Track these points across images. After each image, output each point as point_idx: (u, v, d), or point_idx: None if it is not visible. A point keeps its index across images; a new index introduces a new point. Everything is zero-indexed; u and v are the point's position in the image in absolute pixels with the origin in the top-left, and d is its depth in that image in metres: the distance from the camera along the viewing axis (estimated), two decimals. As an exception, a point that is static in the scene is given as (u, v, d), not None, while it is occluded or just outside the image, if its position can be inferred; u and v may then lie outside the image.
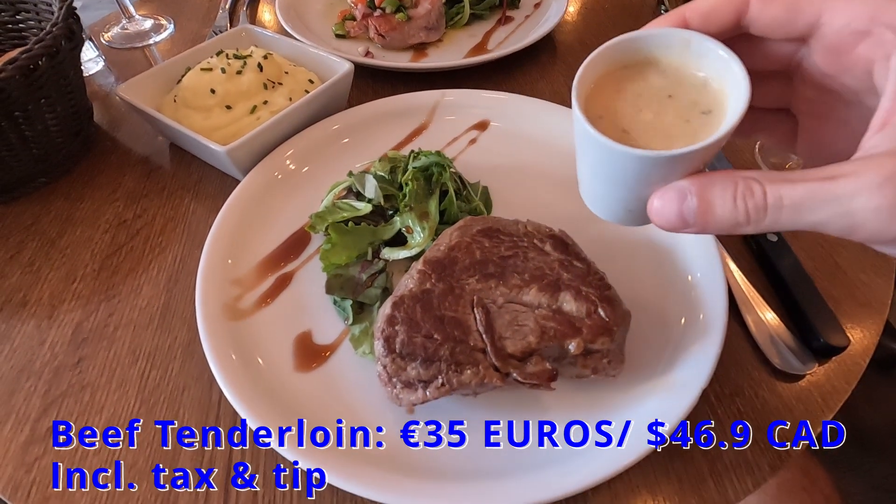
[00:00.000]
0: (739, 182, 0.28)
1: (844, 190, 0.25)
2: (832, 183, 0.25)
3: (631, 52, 0.34)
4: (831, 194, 0.25)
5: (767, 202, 0.27)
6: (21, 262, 0.63)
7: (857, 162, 0.26)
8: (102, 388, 0.52)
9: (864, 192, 0.24)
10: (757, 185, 0.28)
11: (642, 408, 0.45)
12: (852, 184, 0.25)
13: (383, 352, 0.44)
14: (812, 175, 0.26)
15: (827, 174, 0.26)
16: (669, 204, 0.30)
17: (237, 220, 0.61)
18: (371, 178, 0.58)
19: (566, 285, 0.47)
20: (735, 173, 0.29)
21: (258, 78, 0.71)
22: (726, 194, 0.29)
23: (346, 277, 0.54)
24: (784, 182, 0.27)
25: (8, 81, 0.58)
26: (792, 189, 0.26)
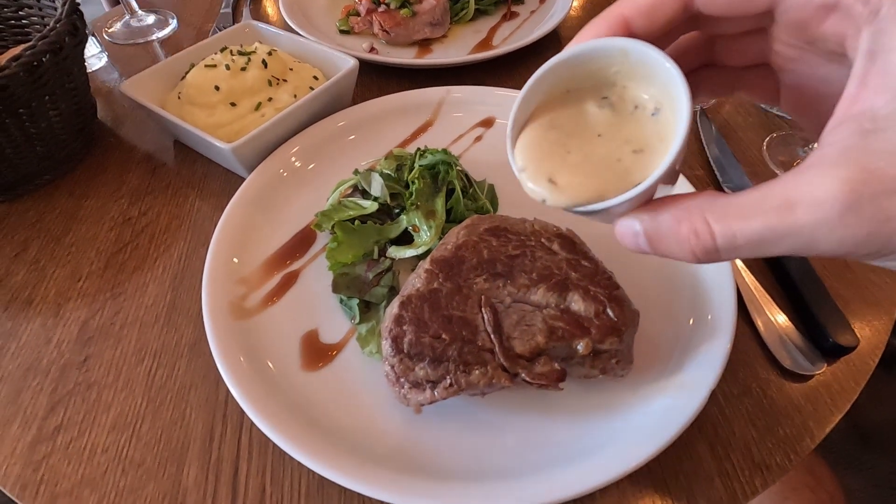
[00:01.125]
0: (684, 224, 0.26)
1: (804, 222, 0.23)
2: (790, 215, 0.23)
3: (568, 75, 0.31)
4: (790, 228, 0.23)
5: (717, 244, 0.25)
6: (26, 259, 0.63)
7: (813, 182, 0.23)
8: (109, 386, 0.52)
9: (824, 225, 0.22)
10: (704, 226, 0.25)
11: (651, 408, 0.45)
12: (811, 215, 0.23)
13: (391, 352, 0.43)
14: (768, 203, 0.24)
15: (784, 200, 0.23)
16: (624, 238, 0.30)
17: (242, 218, 0.60)
18: (377, 176, 0.57)
19: (574, 285, 0.47)
20: (684, 211, 0.27)
21: (263, 75, 0.71)
22: (674, 237, 0.27)
23: (352, 276, 0.54)
24: (737, 218, 0.24)
25: (12, 78, 0.58)
26: (746, 225, 0.24)
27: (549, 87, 0.32)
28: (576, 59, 0.30)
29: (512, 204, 0.64)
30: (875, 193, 0.21)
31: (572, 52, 0.30)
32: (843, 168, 0.22)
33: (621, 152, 0.30)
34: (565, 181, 0.30)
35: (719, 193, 0.26)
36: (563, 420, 0.46)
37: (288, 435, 0.43)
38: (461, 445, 0.46)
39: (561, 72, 0.31)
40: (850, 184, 0.22)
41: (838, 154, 0.23)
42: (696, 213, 0.26)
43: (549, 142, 0.31)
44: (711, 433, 0.48)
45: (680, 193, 0.28)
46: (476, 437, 0.46)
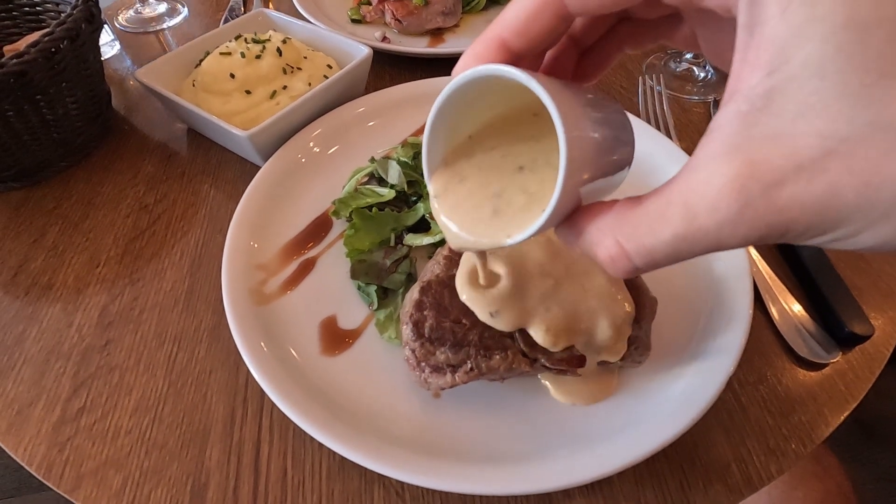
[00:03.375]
0: (600, 249, 0.26)
1: (708, 227, 0.22)
2: (694, 221, 0.23)
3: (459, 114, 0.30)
4: (697, 234, 0.23)
5: (636, 264, 0.25)
6: (45, 245, 0.63)
7: (707, 183, 0.22)
8: (131, 370, 0.52)
9: (725, 226, 0.22)
10: (618, 249, 0.25)
11: (668, 394, 0.46)
12: (711, 219, 0.22)
13: (412, 336, 0.44)
14: (671, 214, 0.23)
15: (683, 208, 0.23)
16: (573, 246, 0.29)
17: (259, 205, 0.61)
18: (394, 163, 0.58)
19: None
20: (598, 233, 0.26)
21: (277, 62, 0.71)
22: (597, 258, 0.27)
23: (369, 263, 0.55)
24: (647, 235, 0.24)
25: (30, 64, 0.58)
26: (657, 241, 0.24)
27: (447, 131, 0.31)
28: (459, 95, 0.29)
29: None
30: (764, 187, 0.21)
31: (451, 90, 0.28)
32: (729, 163, 0.22)
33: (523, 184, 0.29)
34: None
35: (630, 204, 0.25)
36: (581, 405, 0.47)
37: (309, 417, 0.44)
38: (479, 428, 0.46)
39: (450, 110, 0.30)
40: (739, 181, 0.21)
41: (723, 146, 0.22)
42: (609, 235, 0.26)
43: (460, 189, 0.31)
44: (727, 419, 0.48)
45: (600, 203, 0.27)
46: (494, 420, 0.47)
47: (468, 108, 0.31)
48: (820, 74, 0.20)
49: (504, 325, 0.42)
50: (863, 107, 0.19)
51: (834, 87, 0.19)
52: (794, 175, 0.20)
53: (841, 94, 0.19)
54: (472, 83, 0.27)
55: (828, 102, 0.20)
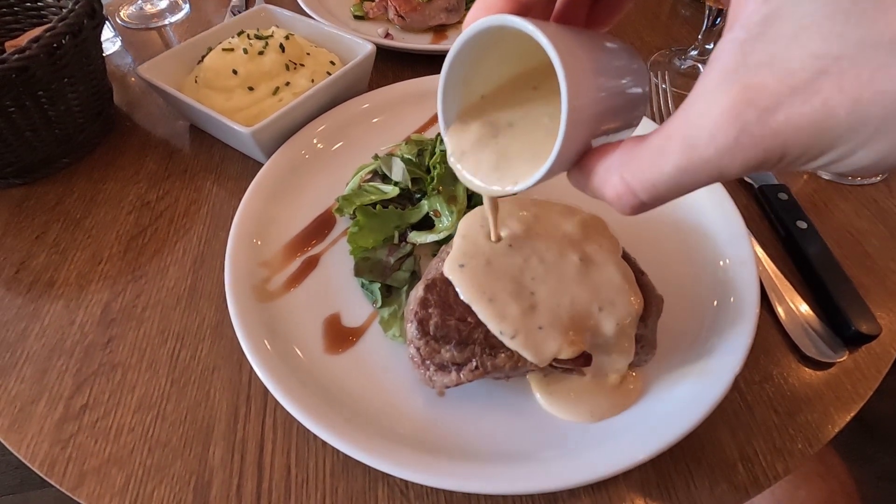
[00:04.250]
0: (608, 188, 0.27)
1: (709, 156, 0.23)
2: (694, 152, 0.23)
3: (472, 70, 0.32)
4: (698, 164, 0.24)
5: (641, 199, 0.26)
6: (47, 242, 0.63)
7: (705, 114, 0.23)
8: (133, 367, 0.52)
9: (725, 154, 0.23)
10: (624, 186, 0.26)
11: (674, 394, 0.45)
12: (712, 148, 0.23)
13: (417, 334, 0.44)
14: (672, 144, 0.24)
15: (684, 140, 0.24)
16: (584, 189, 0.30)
17: (263, 202, 0.60)
18: (398, 161, 0.57)
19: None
20: (605, 172, 0.27)
21: (280, 59, 0.71)
22: (606, 197, 0.28)
23: (373, 260, 0.54)
24: (650, 170, 0.25)
25: (32, 60, 0.57)
26: (660, 173, 0.25)
27: (459, 83, 0.33)
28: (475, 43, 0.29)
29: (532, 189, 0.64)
30: (759, 112, 0.21)
31: (461, 45, 0.29)
32: (726, 91, 0.22)
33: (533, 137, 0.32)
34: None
35: (634, 142, 0.26)
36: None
37: (312, 415, 0.44)
38: (483, 427, 0.46)
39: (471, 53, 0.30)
40: (735, 108, 0.22)
41: (720, 75, 0.22)
42: (615, 173, 0.27)
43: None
44: (733, 419, 0.48)
45: (607, 145, 0.28)
46: (499, 418, 0.46)
47: (481, 64, 0.32)
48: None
49: (518, 345, 0.42)
50: (854, 24, 0.19)
51: (826, 7, 0.20)
52: (789, 98, 0.20)
53: (833, 13, 0.19)
54: (482, 35, 0.28)
55: (820, 23, 0.20)
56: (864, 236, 0.62)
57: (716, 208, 0.58)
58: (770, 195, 0.64)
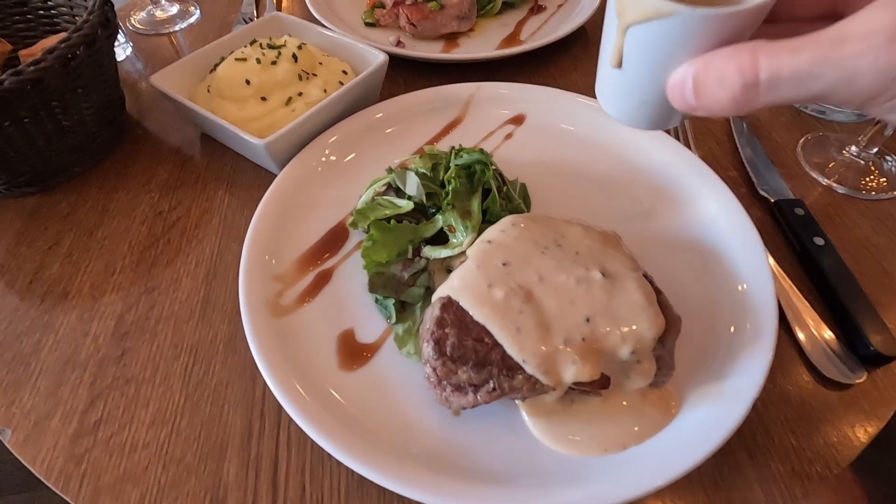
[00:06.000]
0: (733, 60, 0.28)
1: (853, 52, 0.25)
2: (840, 46, 0.25)
3: None
4: (838, 59, 0.25)
5: (759, 78, 0.27)
6: (60, 252, 0.63)
7: (865, 19, 0.25)
8: (147, 381, 0.52)
9: (870, 52, 0.24)
10: (752, 59, 0.27)
11: (692, 416, 0.45)
12: (860, 44, 0.25)
13: (433, 354, 0.43)
14: (819, 39, 0.26)
15: (834, 36, 0.25)
16: (674, 90, 0.31)
17: (276, 214, 0.60)
18: (413, 175, 0.57)
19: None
20: (737, 48, 0.28)
21: (293, 69, 0.70)
22: (720, 76, 0.28)
23: (388, 276, 0.54)
24: (787, 52, 0.26)
25: (47, 71, 0.57)
26: (794, 58, 0.26)
27: None
28: None
29: (544, 204, 0.64)
30: None
31: None
32: (885, 11, 0.24)
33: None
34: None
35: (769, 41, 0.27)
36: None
37: (327, 433, 0.44)
38: (499, 448, 0.46)
39: None
40: (894, 21, 0.24)
41: (879, 5, 0.25)
42: (749, 48, 0.27)
43: None
44: (750, 440, 0.47)
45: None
46: (515, 439, 0.46)
47: None
48: None
49: (535, 369, 0.41)
50: None
51: None
52: None
53: None
54: None
55: None
56: (882, 252, 0.61)
57: (732, 226, 0.57)
58: (786, 210, 0.63)
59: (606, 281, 0.47)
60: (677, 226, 0.61)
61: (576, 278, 0.46)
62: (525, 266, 0.47)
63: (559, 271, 0.47)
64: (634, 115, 0.38)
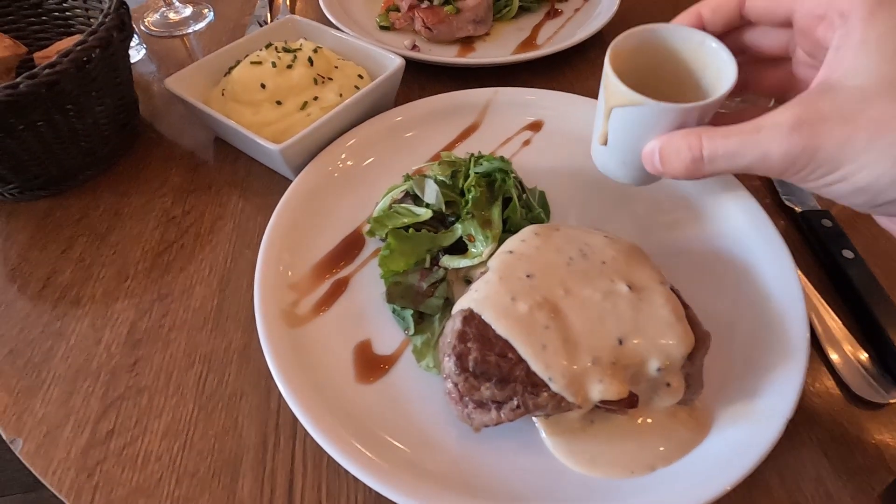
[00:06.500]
0: (685, 140, 0.39)
1: (764, 138, 0.34)
2: (756, 133, 0.35)
3: (656, 38, 0.46)
4: (754, 143, 0.35)
5: (703, 155, 0.38)
6: (72, 257, 0.62)
7: (776, 112, 0.35)
8: (160, 391, 0.51)
9: (776, 139, 0.34)
10: (697, 141, 0.38)
11: (722, 437, 0.43)
12: (770, 132, 0.34)
13: (455, 370, 0.42)
14: (744, 128, 0.36)
15: (754, 126, 0.35)
16: (645, 158, 0.43)
17: (291, 221, 0.59)
18: (432, 182, 0.56)
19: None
20: (689, 132, 0.39)
21: (309, 73, 0.69)
22: (677, 151, 0.39)
23: (405, 285, 0.53)
24: (721, 138, 0.37)
25: (62, 74, 0.57)
26: (726, 142, 0.37)
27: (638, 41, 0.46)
28: (666, 31, 0.45)
29: (563, 212, 0.62)
30: (812, 122, 0.33)
31: (668, 25, 0.45)
32: (797, 107, 0.34)
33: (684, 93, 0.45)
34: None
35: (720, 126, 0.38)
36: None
37: (344, 448, 0.43)
38: (520, 466, 0.44)
39: (653, 33, 0.45)
40: (798, 115, 0.33)
41: (797, 101, 0.34)
42: (696, 132, 0.39)
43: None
44: (781, 461, 0.46)
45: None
46: (535, 458, 0.45)
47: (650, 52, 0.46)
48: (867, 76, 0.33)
49: (561, 388, 0.40)
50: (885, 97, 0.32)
51: (872, 83, 0.32)
52: (835, 120, 0.32)
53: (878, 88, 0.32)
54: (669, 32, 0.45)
55: (864, 89, 0.33)
56: (912, 266, 0.59)
57: (759, 237, 0.55)
58: (813, 221, 0.61)
59: (633, 294, 0.45)
60: (701, 237, 0.59)
61: (602, 292, 0.45)
62: (549, 278, 0.46)
63: (585, 284, 0.45)
64: (619, 175, 0.50)
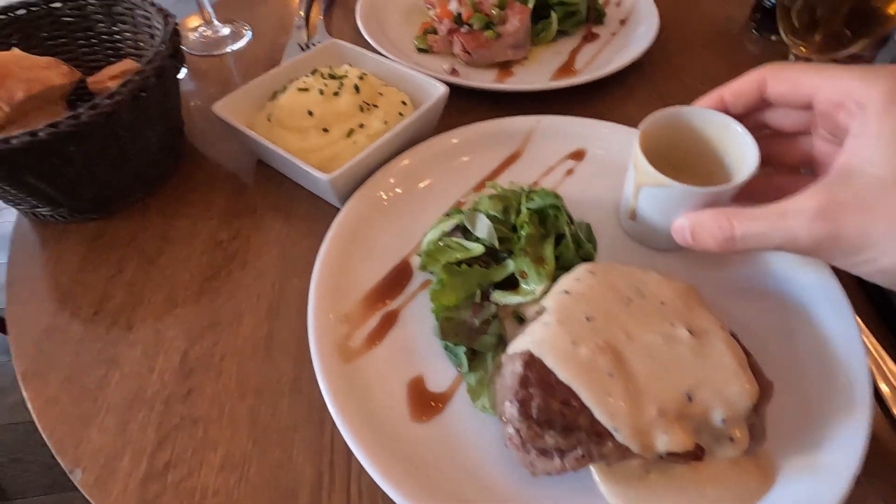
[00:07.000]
0: (716, 222, 0.44)
1: (790, 223, 0.39)
2: (783, 217, 0.39)
3: (682, 119, 0.53)
4: (781, 226, 0.40)
5: (735, 235, 0.43)
6: (123, 281, 0.63)
7: (800, 197, 0.39)
8: (214, 422, 0.51)
9: (802, 224, 0.38)
10: (728, 223, 0.43)
11: (786, 490, 0.43)
12: (795, 218, 0.39)
13: (518, 416, 0.42)
14: (770, 211, 0.40)
15: (780, 210, 0.40)
16: (675, 232, 0.49)
17: (341, 251, 0.60)
18: (484, 217, 0.56)
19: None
20: (718, 213, 0.44)
21: (355, 100, 0.70)
22: (709, 230, 0.45)
23: (457, 321, 0.53)
24: (751, 219, 0.42)
25: (121, 104, 0.58)
26: (755, 224, 0.41)
27: (664, 122, 0.53)
28: (692, 113, 0.53)
29: (610, 247, 0.62)
30: (834, 210, 0.37)
31: (694, 108, 0.52)
32: (820, 195, 0.38)
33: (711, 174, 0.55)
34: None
35: (743, 207, 0.43)
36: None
37: (402, 489, 0.43)
38: (580, 512, 0.44)
39: (679, 114, 0.53)
40: (822, 203, 0.38)
41: (819, 188, 0.39)
42: (725, 214, 0.43)
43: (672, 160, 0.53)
44: (844, 515, 0.45)
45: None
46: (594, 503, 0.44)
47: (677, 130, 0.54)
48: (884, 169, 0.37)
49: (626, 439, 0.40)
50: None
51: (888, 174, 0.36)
52: (857, 209, 0.37)
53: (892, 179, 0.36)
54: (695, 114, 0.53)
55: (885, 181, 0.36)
56: (968, 309, 0.58)
57: (811, 276, 0.55)
58: (866, 261, 0.60)
59: (694, 340, 0.45)
60: (751, 275, 0.59)
61: (662, 336, 0.45)
62: (610, 321, 0.46)
63: (645, 328, 0.45)
64: (647, 242, 0.60)
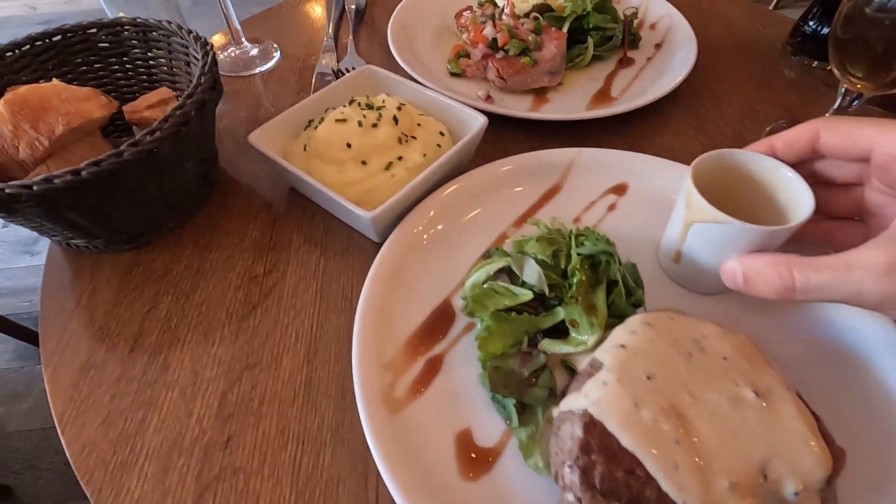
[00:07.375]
0: (773, 269, 0.41)
1: (858, 278, 0.37)
2: (849, 271, 0.37)
3: (733, 161, 0.51)
4: (848, 280, 0.37)
5: (796, 286, 0.40)
6: (158, 317, 0.62)
7: (867, 251, 0.37)
8: (255, 473, 0.50)
9: (870, 279, 0.36)
10: (788, 272, 0.40)
11: (864, 568, 0.41)
12: (863, 273, 0.36)
13: (580, 486, 0.40)
14: (834, 263, 0.38)
15: (845, 262, 0.38)
16: (725, 276, 0.47)
17: (382, 292, 0.58)
18: (533, 263, 0.54)
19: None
20: (775, 260, 0.42)
21: (394, 132, 0.69)
22: (765, 277, 0.42)
23: (506, 371, 0.51)
24: (813, 270, 0.39)
25: (162, 141, 0.57)
26: (818, 275, 0.39)
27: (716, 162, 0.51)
28: (743, 155, 0.50)
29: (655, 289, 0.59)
30: None
31: (745, 152, 0.50)
32: (889, 248, 0.36)
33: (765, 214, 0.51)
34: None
35: (799, 256, 0.41)
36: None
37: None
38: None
39: (731, 157, 0.51)
40: (890, 257, 0.36)
41: (887, 241, 0.37)
42: (785, 263, 0.41)
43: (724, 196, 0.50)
44: (918, 591, 0.43)
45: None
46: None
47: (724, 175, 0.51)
48: None
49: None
50: None
51: None
52: None
53: None
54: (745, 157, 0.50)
55: None
56: None
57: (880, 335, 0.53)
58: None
59: (761, 402, 0.43)
60: (806, 323, 0.56)
61: (728, 398, 0.43)
62: (671, 379, 0.44)
63: (709, 388, 0.43)
64: (688, 284, 0.57)
